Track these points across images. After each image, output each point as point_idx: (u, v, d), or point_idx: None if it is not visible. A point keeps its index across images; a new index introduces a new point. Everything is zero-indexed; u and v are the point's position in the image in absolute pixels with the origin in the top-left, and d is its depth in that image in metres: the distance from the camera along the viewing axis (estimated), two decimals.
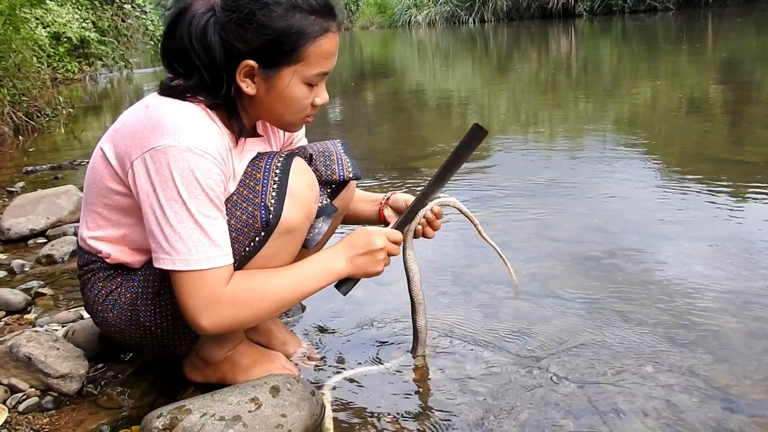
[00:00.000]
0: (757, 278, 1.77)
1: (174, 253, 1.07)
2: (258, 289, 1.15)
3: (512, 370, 1.41)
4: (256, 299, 1.15)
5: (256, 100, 1.20)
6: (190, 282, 1.08)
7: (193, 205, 1.07)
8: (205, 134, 1.10)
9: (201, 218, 1.07)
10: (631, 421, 1.21)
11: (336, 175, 1.38)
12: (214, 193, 1.10)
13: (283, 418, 1.19)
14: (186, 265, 1.07)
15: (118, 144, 1.15)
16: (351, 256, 1.27)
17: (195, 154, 1.07)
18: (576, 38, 12.69)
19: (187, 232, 1.07)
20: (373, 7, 25.30)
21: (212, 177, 1.09)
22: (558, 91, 6.29)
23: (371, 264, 1.29)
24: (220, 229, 1.11)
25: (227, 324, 1.13)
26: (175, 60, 1.17)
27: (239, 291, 1.12)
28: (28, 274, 2.20)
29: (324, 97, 1.25)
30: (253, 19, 1.12)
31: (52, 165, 4.15)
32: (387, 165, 3.50)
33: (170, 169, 1.06)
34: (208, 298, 1.09)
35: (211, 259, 1.08)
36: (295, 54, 1.15)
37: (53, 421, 1.31)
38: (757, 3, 14.80)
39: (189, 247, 1.07)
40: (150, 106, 1.15)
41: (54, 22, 9.80)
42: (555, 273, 1.91)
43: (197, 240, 1.07)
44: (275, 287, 1.18)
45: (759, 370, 1.34)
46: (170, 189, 1.07)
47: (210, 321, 1.10)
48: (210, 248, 1.08)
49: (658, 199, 2.53)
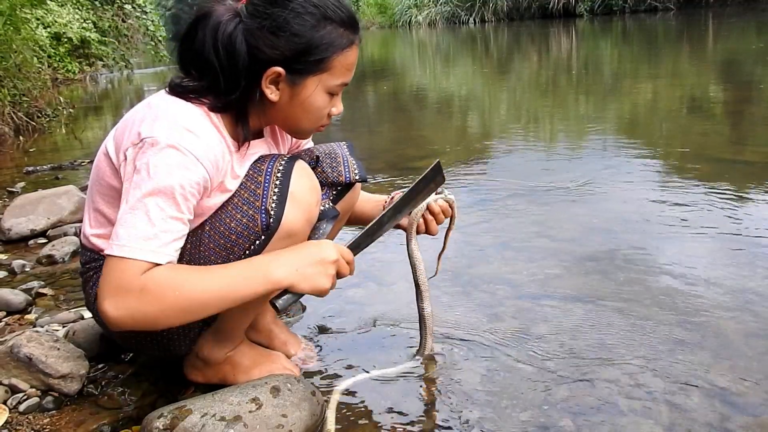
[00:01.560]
0: (758, 278, 1.77)
1: (114, 237, 1.04)
2: (176, 284, 1.04)
3: (512, 370, 1.41)
4: (169, 294, 1.03)
5: (276, 107, 1.20)
6: (111, 267, 1.03)
7: (152, 197, 1.04)
8: (199, 137, 1.10)
9: (153, 209, 1.03)
10: (632, 421, 1.21)
11: (342, 177, 1.38)
12: (181, 191, 1.06)
13: (284, 418, 1.19)
14: (118, 251, 1.02)
15: (117, 140, 1.15)
16: (297, 265, 1.13)
17: (177, 150, 1.06)
18: (576, 38, 12.69)
19: (133, 219, 1.03)
20: (373, 8, 25.30)
21: (186, 175, 1.06)
22: (558, 91, 6.29)
23: (319, 276, 1.14)
24: (170, 226, 1.05)
25: (131, 315, 1.03)
26: (191, 62, 1.17)
27: (153, 282, 1.03)
28: (28, 274, 2.20)
29: (339, 107, 1.26)
30: (286, 27, 1.12)
31: (53, 165, 4.15)
32: (387, 165, 3.51)
33: (149, 159, 1.06)
34: (117, 282, 1.02)
35: (142, 251, 1.02)
36: (323, 64, 1.16)
37: (54, 422, 1.31)
38: (758, 3, 14.79)
39: (129, 234, 1.03)
40: (152, 104, 1.15)
41: (54, 23, 9.81)
42: (555, 273, 1.91)
43: (139, 228, 1.03)
44: (196, 285, 1.06)
45: (760, 370, 1.35)
46: (142, 178, 1.05)
47: (113, 308, 1.02)
48: (146, 241, 1.03)
49: (658, 199, 2.53)
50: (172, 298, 1.04)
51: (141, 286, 1.02)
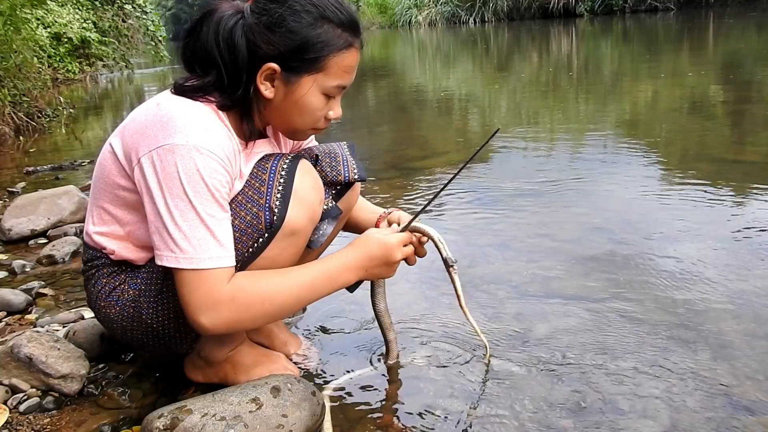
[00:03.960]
0: (759, 278, 1.77)
1: (178, 251, 1.07)
2: (261, 292, 1.14)
3: (512, 370, 1.41)
4: (257, 302, 1.13)
5: (271, 105, 1.21)
6: (192, 280, 1.08)
7: (198, 204, 1.07)
8: (213, 135, 1.11)
9: (206, 217, 1.08)
10: (632, 421, 1.21)
11: (341, 177, 1.39)
12: (219, 194, 1.10)
13: (284, 418, 1.19)
14: (190, 264, 1.07)
15: (126, 140, 1.15)
16: (368, 266, 1.26)
17: (201, 153, 1.08)
18: (576, 38, 12.69)
19: (192, 231, 1.07)
20: (373, 8, 25.31)
21: (218, 177, 1.10)
22: (558, 91, 6.29)
23: (386, 272, 1.29)
24: (225, 229, 1.11)
25: (226, 324, 1.12)
26: (195, 59, 1.19)
27: (240, 292, 1.11)
28: (29, 274, 2.20)
29: (337, 111, 1.26)
30: (282, 24, 1.14)
31: (53, 165, 4.15)
32: (388, 165, 3.51)
33: (177, 167, 1.07)
34: (207, 296, 1.08)
35: (215, 259, 1.08)
36: (318, 63, 1.17)
37: (54, 422, 1.31)
38: (758, 3, 14.79)
39: (194, 246, 1.07)
40: (161, 105, 1.15)
41: (55, 23, 9.82)
42: (555, 273, 1.91)
43: (202, 239, 1.08)
44: (279, 291, 1.16)
45: (760, 370, 1.34)
46: (176, 187, 1.07)
47: (210, 320, 1.09)
48: (215, 248, 1.08)
49: (658, 199, 2.54)
50: (260, 305, 1.14)
51: (230, 296, 1.10)
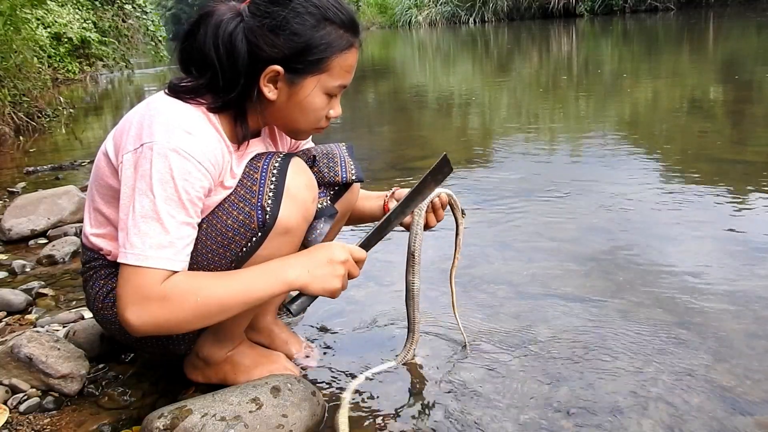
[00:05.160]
0: (758, 278, 1.77)
1: (128, 246, 1.06)
2: (195, 290, 1.08)
3: (512, 370, 1.41)
4: (190, 300, 1.07)
5: (274, 106, 1.21)
6: (129, 274, 1.05)
7: (161, 204, 1.06)
8: (197, 138, 1.11)
9: (166, 218, 1.06)
10: (632, 421, 1.21)
11: (339, 177, 1.38)
12: (187, 196, 1.08)
13: (284, 418, 1.19)
14: (136, 260, 1.05)
15: (116, 140, 1.16)
16: (309, 266, 1.16)
17: (180, 155, 1.07)
18: (577, 38, 12.69)
19: (146, 228, 1.05)
20: (373, 8, 25.32)
21: (190, 180, 1.08)
22: (558, 91, 6.29)
23: (330, 277, 1.17)
24: (183, 233, 1.08)
25: (154, 322, 1.06)
26: (192, 60, 1.18)
27: (174, 289, 1.06)
28: (29, 274, 2.20)
29: (338, 110, 1.26)
30: (285, 26, 1.13)
31: (53, 165, 4.16)
32: (388, 165, 3.51)
33: (151, 165, 1.06)
34: (138, 291, 1.05)
35: (161, 260, 1.05)
36: (322, 64, 1.17)
37: (54, 422, 1.31)
38: (758, 3, 14.79)
39: (144, 242, 1.05)
40: (150, 105, 1.15)
41: (55, 23, 9.82)
42: (556, 273, 1.91)
43: (154, 237, 1.05)
44: (215, 290, 1.10)
45: (760, 370, 1.35)
46: (146, 185, 1.06)
47: (136, 316, 1.05)
48: (165, 249, 1.06)
49: (659, 199, 2.53)
50: (193, 304, 1.07)
51: (162, 294, 1.05)
